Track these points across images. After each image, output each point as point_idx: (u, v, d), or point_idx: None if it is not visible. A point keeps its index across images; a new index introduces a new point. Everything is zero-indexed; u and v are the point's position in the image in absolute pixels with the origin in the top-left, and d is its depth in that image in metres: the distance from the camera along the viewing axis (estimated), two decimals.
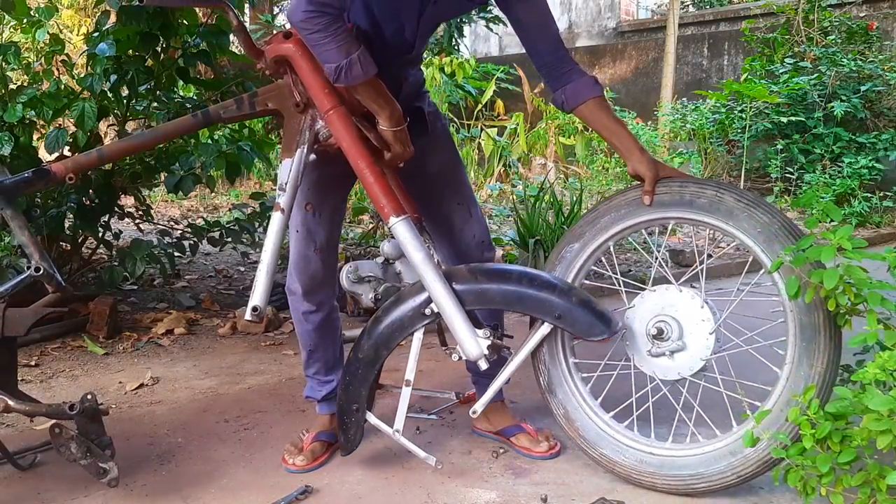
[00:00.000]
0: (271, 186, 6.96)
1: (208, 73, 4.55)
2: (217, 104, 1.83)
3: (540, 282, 1.74)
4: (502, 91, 8.85)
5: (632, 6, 11.39)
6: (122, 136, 3.24)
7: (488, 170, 7.35)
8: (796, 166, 6.60)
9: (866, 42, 7.28)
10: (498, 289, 1.72)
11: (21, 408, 1.63)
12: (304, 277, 1.93)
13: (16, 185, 1.71)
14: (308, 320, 1.97)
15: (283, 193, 1.70)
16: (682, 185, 1.75)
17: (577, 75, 1.83)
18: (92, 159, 1.79)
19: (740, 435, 1.69)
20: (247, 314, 1.68)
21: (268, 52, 1.72)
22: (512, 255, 4.32)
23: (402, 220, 1.69)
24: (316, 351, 2.01)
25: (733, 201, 1.70)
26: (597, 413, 1.86)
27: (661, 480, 1.76)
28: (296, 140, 1.74)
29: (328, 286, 1.97)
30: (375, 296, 3.28)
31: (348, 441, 1.85)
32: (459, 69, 8.16)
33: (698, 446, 1.77)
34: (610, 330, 1.70)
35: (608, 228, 1.83)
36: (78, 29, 7.71)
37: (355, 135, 1.69)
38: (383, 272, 3.40)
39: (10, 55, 2.95)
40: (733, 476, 1.71)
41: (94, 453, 1.61)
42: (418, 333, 1.77)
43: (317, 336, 1.99)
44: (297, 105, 1.74)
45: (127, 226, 4.34)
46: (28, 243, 1.69)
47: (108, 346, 3.02)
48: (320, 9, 1.54)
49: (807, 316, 1.65)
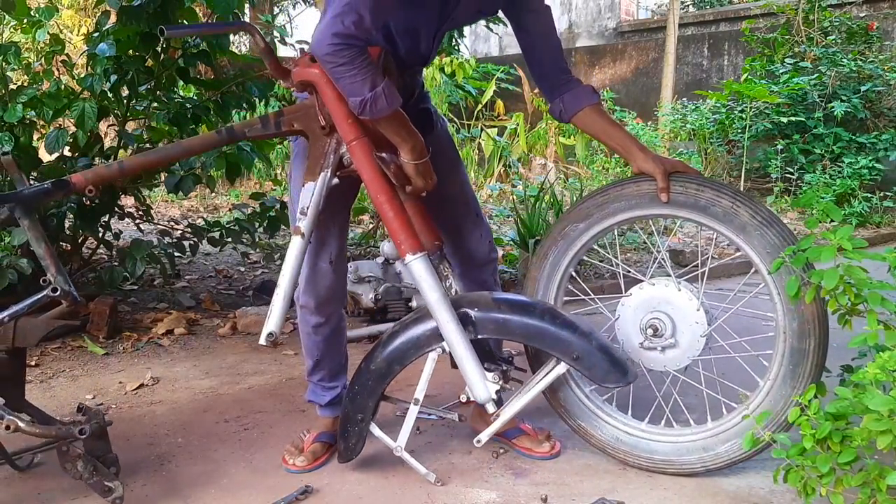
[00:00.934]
0: (271, 186, 6.96)
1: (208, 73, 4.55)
2: (242, 122, 1.80)
3: (562, 321, 1.74)
4: (502, 91, 8.84)
5: (632, 6, 11.40)
6: (123, 137, 3.24)
7: (488, 170, 7.35)
8: (796, 166, 6.60)
9: (866, 42, 7.28)
10: (520, 321, 1.72)
11: (31, 430, 1.61)
12: (319, 290, 1.89)
13: (35, 196, 1.69)
14: (318, 333, 1.94)
15: (304, 218, 1.68)
16: (699, 189, 1.74)
17: (574, 85, 1.86)
18: (113, 172, 1.77)
19: (714, 432, 1.79)
20: (261, 339, 1.68)
21: (294, 75, 1.71)
22: (512, 254, 4.32)
23: (419, 258, 1.67)
24: (323, 360, 1.98)
25: (748, 217, 1.70)
26: (580, 385, 1.91)
27: (633, 459, 1.86)
28: (320, 163, 1.72)
29: (340, 297, 1.95)
30: (375, 296, 3.31)
31: (348, 450, 1.84)
32: (459, 69, 8.15)
33: (674, 434, 1.85)
34: (626, 380, 1.72)
35: (616, 215, 1.84)
36: (78, 29, 7.72)
37: (377, 168, 1.68)
38: (383, 272, 3.43)
39: (10, 55, 2.95)
40: (702, 468, 1.80)
41: (100, 471, 1.62)
42: (433, 354, 1.76)
43: (325, 346, 1.97)
44: (323, 128, 1.72)
45: (127, 226, 4.34)
46: (45, 256, 1.67)
47: (108, 346, 3.02)
48: (346, 41, 1.51)
49: (798, 342, 1.69)
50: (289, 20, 11.73)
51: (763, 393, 1.74)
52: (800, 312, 1.68)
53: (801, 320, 1.69)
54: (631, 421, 1.88)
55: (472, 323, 1.72)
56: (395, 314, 3.29)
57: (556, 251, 1.90)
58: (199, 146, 1.84)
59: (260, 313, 3.29)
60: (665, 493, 1.76)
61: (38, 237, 1.68)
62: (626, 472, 1.85)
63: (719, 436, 1.79)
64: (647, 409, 1.91)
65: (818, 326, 1.68)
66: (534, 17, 1.83)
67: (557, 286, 1.92)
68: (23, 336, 1.71)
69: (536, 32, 1.84)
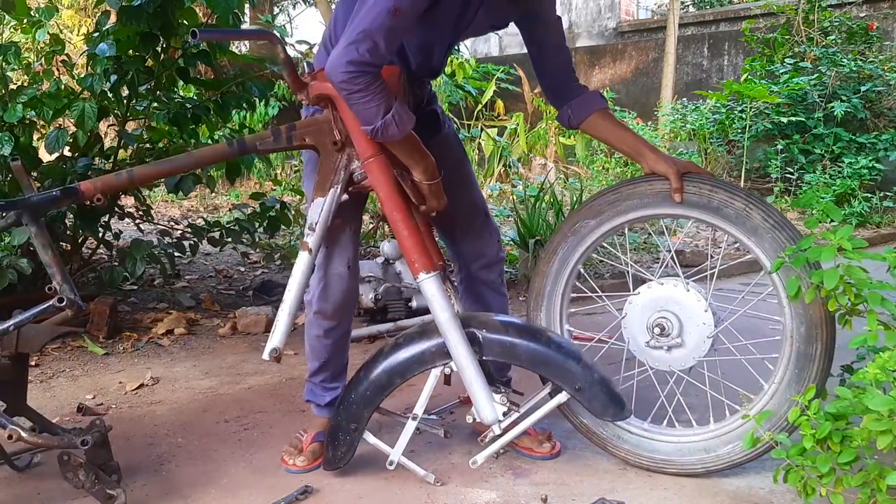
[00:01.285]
0: (271, 186, 6.96)
1: (208, 73, 4.55)
2: (254, 134, 1.81)
3: (567, 351, 1.76)
4: (502, 91, 8.84)
5: (632, 6, 11.40)
6: (123, 137, 3.25)
7: (488, 170, 7.34)
8: (796, 166, 6.60)
9: (866, 42, 7.28)
10: (526, 347, 1.73)
11: (34, 440, 1.61)
12: (335, 295, 1.87)
13: (43, 202, 1.69)
14: (329, 336, 1.93)
15: (312, 234, 1.69)
16: (713, 190, 1.74)
17: (581, 91, 1.89)
18: (122, 181, 1.77)
19: (717, 434, 1.80)
20: (265, 354, 1.69)
21: (311, 88, 1.70)
22: (512, 254, 4.32)
23: (433, 277, 1.68)
24: (328, 362, 1.98)
25: (760, 219, 1.70)
26: None
27: (634, 458, 1.86)
28: (330, 179, 1.73)
29: (354, 301, 1.95)
30: (375, 296, 3.31)
31: (336, 458, 1.83)
32: (459, 69, 8.15)
33: (676, 435, 1.85)
34: (621, 416, 1.75)
35: (627, 213, 1.84)
36: (78, 29, 7.72)
37: (393, 185, 1.69)
38: (383, 272, 3.43)
39: (10, 55, 2.95)
40: (703, 469, 1.80)
41: (102, 479, 1.61)
42: (436, 371, 1.76)
43: (333, 350, 1.96)
44: (335, 143, 1.73)
45: (127, 226, 4.34)
46: (51, 263, 1.66)
47: (108, 346, 3.02)
48: (361, 68, 1.53)
49: (805, 346, 1.69)
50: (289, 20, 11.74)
51: (767, 396, 1.74)
52: (808, 316, 1.68)
53: (809, 324, 1.68)
54: (633, 420, 1.88)
55: (479, 344, 1.72)
56: (395, 314, 3.29)
57: (566, 247, 1.91)
58: (210, 157, 1.84)
59: (260, 313, 3.29)
60: (665, 493, 1.76)
61: (44, 244, 1.67)
62: (626, 472, 1.85)
63: (721, 437, 1.79)
64: (649, 408, 1.92)
65: (825, 331, 1.67)
66: (544, 28, 1.85)
67: (565, 282, 1.92)
68: (26, 342, 1.70)
69: (548, 44, 1.87)
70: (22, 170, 1.69)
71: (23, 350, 1.71)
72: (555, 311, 1.93)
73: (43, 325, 1.74)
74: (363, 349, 3.03)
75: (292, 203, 4.55)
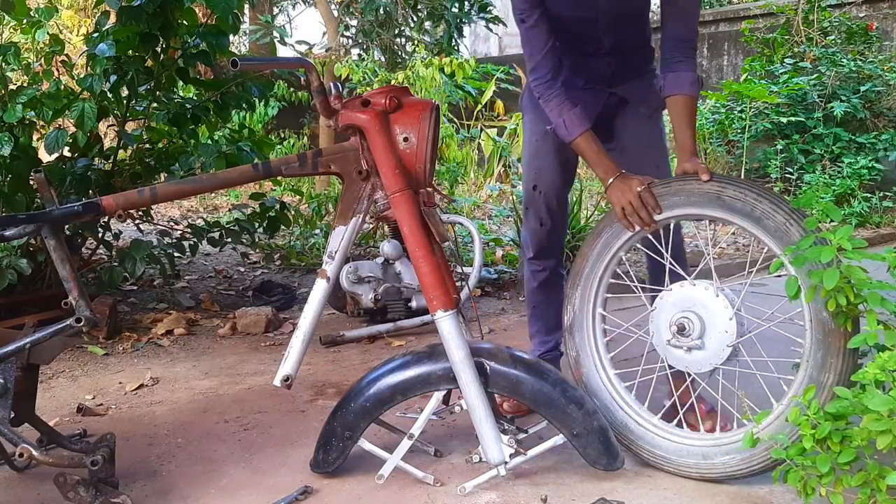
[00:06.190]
0: (271, 187, 6.96)
1: (208, 73, 4.55)
2: (279, 158, 1.82)
3: (572, 395, 1.78)
4: (502, 91, 8.83)
5: None
6: (122, 137, 3.25)
7: (488, 170, 7.34)
8: (796, 166, 6.60)
9: (866, 42, 7.28)
10: (531, 385, 1.75)
11: (44, 459, 1.60)
12: (535, 244, 2.23)
13: (63, 216, 1.69)
14: (535, 278, 2.26)
15: (332, 262, 1.69)
16: (758, 199, 1.72)
17: (684, 68, 1.92)
18: (145, 198, 1.77)
19: (717, 443, 1.79)
20: (276, 380, 1.69)
21: (342, 117, 1.71)
22: (512, 255, 4.32)
23: (450, 316, 1.69)
24: (538, 308, 2.28)
25: (799, 236, 1.66)
26: (604, 365, 1.94)
27: (635, 448, 1.88)
28: (353, 208, 1.73)
29: (553, 254, 2.26)
30: (375, 296, 3.31)
31: (326, 462, 1.83)
32: (459, 69, 8.13)
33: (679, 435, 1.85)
34: (613, 466, 1.77)
35: (673, 208, 1.84)
36: (78, 29, 7.72)
37: (418, 221, 1.69)
38: (383, 272, 3.43)
39: (10, 55, 2.95)
40: (697, 475, 1.81)
41: (103, 491, 1.61)
42: (439, 394, 1.77)
43: (540, 294, 2.27)
44: (361, 172, 1.73)
45: (127, 226, 4.34)
46: (69, 278, 1.66)
47: (108, 346, 3.02)
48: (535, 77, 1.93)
49: (818, 373, 1.66)
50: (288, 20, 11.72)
51: (774, 415, 1.72)
52: (826, 343, 1.65)
53: (826, 352, 1.65)
54: (644, 412, 1.89)
55: (486, 375, 1.73)
56: (394, 314, 3.29)
57: (611, 231, 1.92)
58: (235, 179, 1.85)
59: (260, 313, 3.29)
60: (665, 494, 1.76)
61: (62, 258, 1.67)
62: (626, 472, 1.85)
63: (721, 447, 1.78)
64: (658, 403, 1.93)
65: (840, 363, 1.64)
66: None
67: (605, 266, 1.93)
68: (38, 354, 1.70)
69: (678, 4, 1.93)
70: (44, 182, 1.69)
71: (34, 362, 1.71)
72: (590, 292, 1.95)
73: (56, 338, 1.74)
74: (363, 349, 3.03)
75: (292, 203, 4.55)
